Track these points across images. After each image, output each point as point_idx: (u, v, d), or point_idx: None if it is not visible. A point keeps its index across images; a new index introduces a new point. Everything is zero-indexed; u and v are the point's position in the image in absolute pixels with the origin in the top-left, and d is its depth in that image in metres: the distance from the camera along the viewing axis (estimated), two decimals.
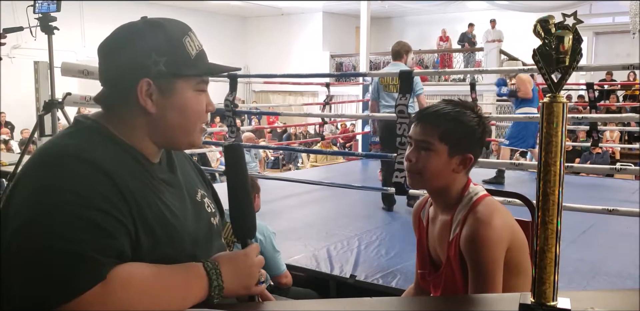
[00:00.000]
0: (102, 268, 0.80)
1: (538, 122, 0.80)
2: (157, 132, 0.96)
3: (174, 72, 0.93)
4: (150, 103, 0.93)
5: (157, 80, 0.93)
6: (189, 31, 0.97)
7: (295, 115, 11.93)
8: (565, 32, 0.77)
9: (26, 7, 3.52)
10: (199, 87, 0.97)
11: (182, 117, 0.96)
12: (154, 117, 0.94)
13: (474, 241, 1.21)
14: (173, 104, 0.95)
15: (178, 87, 0.95)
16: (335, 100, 10.85)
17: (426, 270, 1.41)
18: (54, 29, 3.50)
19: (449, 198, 1.31)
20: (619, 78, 11.75)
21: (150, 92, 0.93)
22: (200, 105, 0.98)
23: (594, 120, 5.72)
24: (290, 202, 4.69)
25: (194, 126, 0.98)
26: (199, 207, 1.03)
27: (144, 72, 0.92)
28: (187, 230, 0.95)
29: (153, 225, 0.89)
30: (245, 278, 0.95)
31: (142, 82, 0.92)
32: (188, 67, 0.95)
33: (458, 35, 14.45)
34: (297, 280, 2.77)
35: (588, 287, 2.65)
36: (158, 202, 0.92)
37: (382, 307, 0.99)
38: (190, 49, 0.95)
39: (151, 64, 0.92)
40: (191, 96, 0.96)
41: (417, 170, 1.28)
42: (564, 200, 0.80)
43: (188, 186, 1.04)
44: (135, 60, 0.92)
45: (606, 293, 1.18)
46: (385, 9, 14.69)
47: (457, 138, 1.26)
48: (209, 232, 1.04)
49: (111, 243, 0.82)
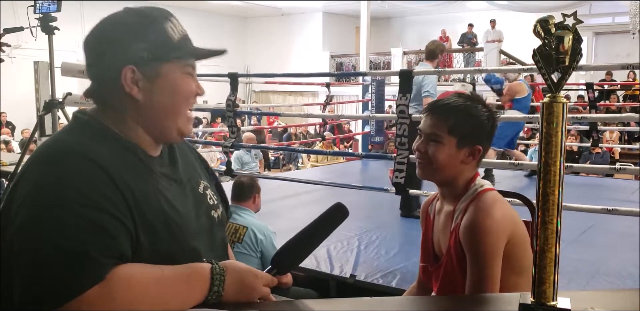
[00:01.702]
0: (102, 268, 0.80)
1: (521, 125, 0.80)
2: (147, 120, 0.95)
3: (157, 57, 0.93)
4: (137, 89, 0.93)
5: (142, 67, 0.92)
6: (170, 16, 0.97)
7: (296, 115, 11.92)
8: (565, 32, 0.77)
9: (27, 7, 3.52)
10: (185, 70, 0.96)
11: (170, 99, 0.95)
12: (142, 103, 0.94)
13: (472, 230, 1.21)
14: (160, 88, 0.94)
15: (163, 71, 0.94)
16: (335, 100, 10.84)
17: (429, 263, 1.41)
18: (55, 29, 3.50)
19: (456, 189, 1.32)
20: (619, 78, 11.75)
21: (135, 78, 0.92)
22: (188, 86, 0.97)
23: (593, 120, 5.72)
24: (290, 202, 4.69)
25: (181, 108, 0.97)
26: (200, 199, 1.03)
27: (127, 60, 0.92)
28: (187, 224, 0.95)
29: (153, 221, 0.89)
30: (244, 296, 0.93)
31: (125, 70, 0.92)
32: (171, 51, 0.94)
33: (458, 35, 14.45)
34: (297, 280, 2.77)
35: (588, 287, 2.64)
36: (159, 196, 0.92)
37: (382, 307, 0.99)
38: (173, 33, 0.95)
39: (134, 51, 0.92)
40: (178, 78, 0.96)
41: (427, 160, 1.29)
42: (563, 200, 0.80)
43: (190, 178, 1.03)
44: (118, 49, 0.92)
45: (606, 293, 1.18)
46: (385, 9, 14.69)
47: (466, 130, 1.28)
48: (211, 225, 1.03)
49: (112, 243, 0.82)
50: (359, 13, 12.23)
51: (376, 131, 7.63)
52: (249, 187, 2.84)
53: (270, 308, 1.03)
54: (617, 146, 9.30)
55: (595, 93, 6.26)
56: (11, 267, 0.80)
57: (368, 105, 7.53)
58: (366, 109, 7.90)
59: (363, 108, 8.50)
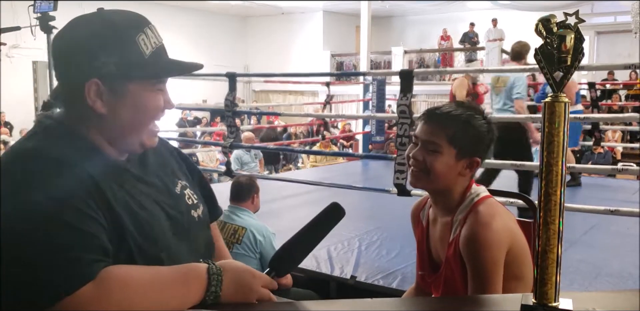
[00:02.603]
0: (89, 266, 0.79)
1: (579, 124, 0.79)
2: (109, 133, 0.92)
3: (124, 74, 0.89)
4: (100, 103, 0.89)
5: (108, 81, 0.89)
6: (144, 27, 0.91)
7: (296, 115, 11.92)
8: (567, 32, 0.76)
9: (27, 6, 3.52)
10: (155, 88, 0.93)
11: (135, 115, 0.92)
12: (105, 116, 0.91)
13: (473, 243, 1.20)
14: (126, 104, 0.90)
15: (131, 88, 0.90)
16: (335, 99, 10.84)
17: (426, 272, 1.40)
18: (53, 28, 3.49)
19: (451, 200, 1.29)
20: (621, 78, 11.74)
21: (100, 92, 0.89)
22: (156, 102, 0.93)
23: (595, 120, 5.71)
24: (290, 202, 4.68)
25: (147, 124, 0.94)
26: (177, 199, 1.01)
27: (93, 72, 0.88)
28: (160, 224, 0.93)
29: (122, 220, 0.87)
30: (241, 296, 0.91)
31: (90, 83, 0.88)
32: (140, 69, 0.90)
33: (459, 35, 14.45)
34: (298, 281, 2.76)
35: (590, 288, 2.63)
36: (126, 196, 0.90)
37: (382, 308, 0.99)
38: (144, 47, 0.90)
39: (100, 65, 0.87)
40: (146, 96, 0.92)
41: (424, 169, 1.25)
42: (565, 200, 0.80)
43: (165, 178, 1.01)
44: (84, 60, 0.88)
45: (608, 293, 1.18)
46: (386, 8, 14.70)
47: (466, 142, 1.24)
48: (189, 224, 1.01)
49: (93, 241, 0.82)
50: (359, 12, 12.23)
51: (376, 131, 7.63)
52: (247, 187, 2.83)
53: (270, 309, 1.02)
54: (619, 145, 9.30)
55: (597, 92, 6.26)
56: None
57: (368, 104, 7.54)
58: (366, 109, 7.90)
59: (363, 107, 8.50)
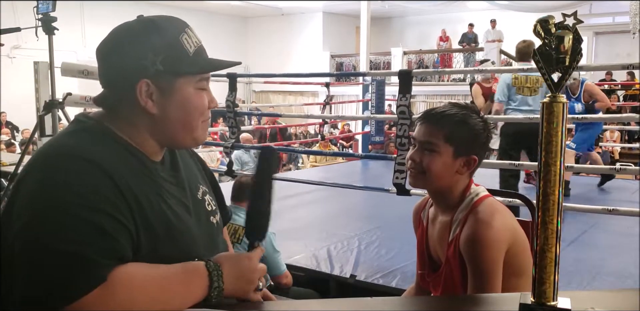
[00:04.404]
0: (103, 270, 0.80)
1: (601, 126, 0.78)
2: (160, 131, 0.96)
3: (172, 71, 0.92)
4: (151, 103, 0.93)
5: (156, 80, 0.92)
6: (185, 27, 0.96)
7: (296, 116, 11.92)
8: (565, 32, 0.77)
9: (32, 7, 3.52)
10: (200, 85, 0.97)
11: (184, 115, 0.95)
12: (157, 116, 0.94)
13: (473, 242, 1.21)
14: (175, 102, 0.94)
15: (178, 86, 0.94)
16: (335, 100, 10.85)
17: (426, 271, 1.40)
18: (54, 29, 3.50)
19: (451, 199, 1.30)
20: (619, 78, 11.75)
21: (150, 92, 0.92)
22: (202, 101, 0.97)
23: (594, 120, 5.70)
24: (290, 202, 4.68)
25: (197, 122, 0.98)
26: (199, 205, 1.03)
27: (143, 73, 0.91)
28: (188, 229, 0.95)
29: (154, 225, 0.89)
30: (245, 282, 0.94)
31: (141, 83, 0.91)
32: (186, 65, 0.94)
33: (458, 35, 14.45)
34: (298, 280, 2.77)
35: (588, 287, 2.64)
36: (160, 201, 0.92)
37: (382, 307, 0.99)
38: (188, 45, 0.94)
39: (149, 64, 0.91)
40: (193, 93, 0.96)
41: (421, 169, 1.27)
42: (564, 200, 0.80)
43: (190, 183, 1.04)
44: (133, 62, 0.91)
45: (606, 293, 1.18)
46: (386, 9, 14.69)
47: (462, 140, 1.26)
48: (209, 231, 1.03)
49: (112, 245, 0.82)
50: (359, 13, 12.22)
51: (376, 131, 7.63)
52: (248, 187, 2.84)
53: (270, 308, 1.02)
54: (617, 145, 9.30)
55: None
56: (13, 268, 0.80)
57: (368, 105, 7.54)
58: (366, 109, 7.90)
59: (363, 108, 8.51)
